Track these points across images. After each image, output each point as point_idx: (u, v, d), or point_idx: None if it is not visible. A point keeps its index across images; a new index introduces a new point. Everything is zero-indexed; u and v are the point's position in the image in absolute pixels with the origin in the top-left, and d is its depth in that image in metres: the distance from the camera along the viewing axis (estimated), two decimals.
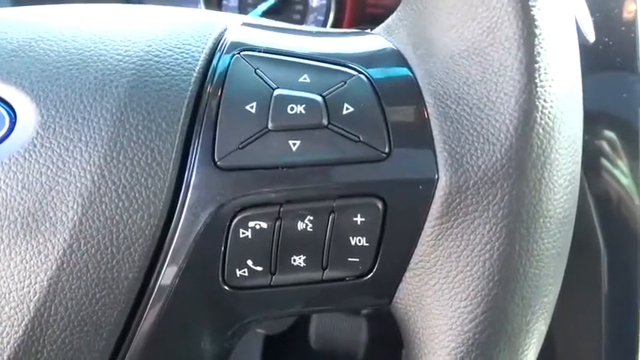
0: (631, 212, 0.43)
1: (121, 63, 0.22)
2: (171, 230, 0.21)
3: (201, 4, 0.68)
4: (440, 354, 0.21)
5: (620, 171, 0.45)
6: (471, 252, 0.20)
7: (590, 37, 0.33)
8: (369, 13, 0.67)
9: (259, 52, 0.23)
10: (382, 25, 0.25)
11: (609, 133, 0.45)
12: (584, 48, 0.44)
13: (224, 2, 0.69)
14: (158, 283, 0.21)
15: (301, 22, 0.67)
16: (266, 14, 0.66)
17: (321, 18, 0.66)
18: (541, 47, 0.20)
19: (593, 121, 0.45)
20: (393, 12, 0.27)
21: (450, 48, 0.21)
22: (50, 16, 0.25)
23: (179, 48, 0.23)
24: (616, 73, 0.45)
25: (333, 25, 0.65)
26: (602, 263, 0.45)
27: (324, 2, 0.66)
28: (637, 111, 0.43)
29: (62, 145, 0.21)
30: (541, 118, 0.20)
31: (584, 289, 0.46)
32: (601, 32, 0.45)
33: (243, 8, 0.68)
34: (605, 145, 0.45)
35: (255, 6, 0.68)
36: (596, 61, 0.45)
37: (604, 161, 0.45)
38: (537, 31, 0.20)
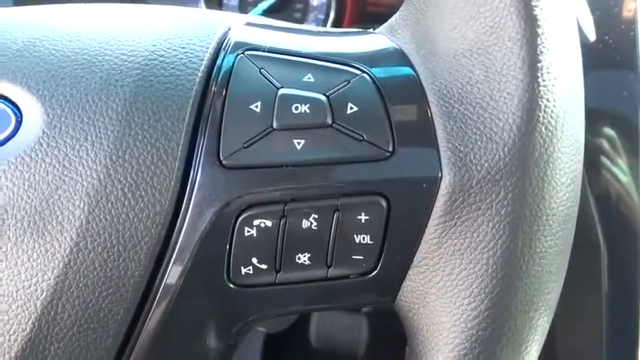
0: (631, 210, 0.43)
1: (126, 63, 0.23)
2: (176, 228, 0.22)
3: (202, 3, 0.68)
4: (444, 350, 0.21)
5: (620, 169, 0.45)
6: (474, 250, 0.21)
7: (591, 35, 0.33)
8: (370, 12, 0.67)
9: (263, 51, 0.23)
10: (385, 24, 0.25)
11: (609, 131, 0.45)
12: (585, 46, 0.44)
13: (224, 1, 0.69)
14: (164, 281, 0.22)
15: (302, 20, 0.67)
16: (266, 13, 0.66)
17: (322, 17, 0.66)
18: (543, 47, 0.20)
19: (594, 119, 0.45)
20: (393, 10, 0.27)
21: (453, 47, 0.21)
22: (54, 16, 0.25)
23: (183, 48, 0.23)
24: (616, 72, 0.45)
25: (334, 24, 0.66)
26: (602, 261, 0.45)
27: (325, 1, 0.66)
28: (637, 109, 0.43)
29: (68, 144, 0.21)
30: (544, 117, 0.20)
31: (585, 287, 0.46)
32: (601, 31, 0.45)
33: (243, 7, 0.68)
34: (606, 143, 0.45)
35: (255, 4, 0.68)
36: (596, 59, 0.45)
37: (604, 159, 0.45)
38: (540, 31, 0.20)
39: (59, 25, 0.24)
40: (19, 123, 0.22)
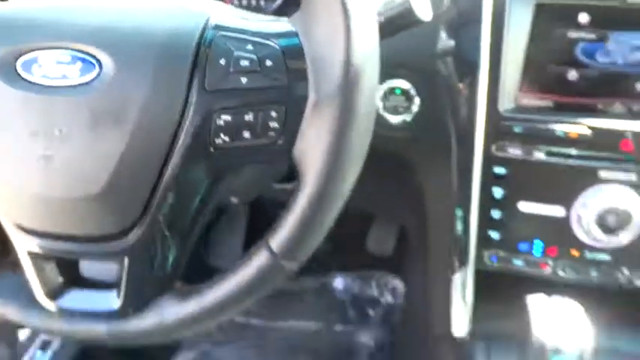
0: None
1: (155, 37, 0.39)
2: (183, 122, 0.38)
3: None
4: (310, 170, 0.39)
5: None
6: (324, 132, 0.39)
7: (426, 17, 0.49)
8: None
9: (229, 31, 0.39)
10: (291, 17, 0.43)
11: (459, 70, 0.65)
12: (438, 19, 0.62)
13: None
14: (178, 146, 0.39)
15: None
16: None
17: None
18: (354, 34, 0.38)
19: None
20: None
21: (317, 35, 0.40)
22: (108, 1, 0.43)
23: (185, 28, 0.39)
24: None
25: None
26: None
27: None
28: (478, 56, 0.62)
29: (131, 79, 0.38)
30: (354, 69, 0.39)
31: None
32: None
33: None
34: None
35: None
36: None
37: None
38: (354, 31, 0.38)
39: (116, 9, 0.42)
40: (100, 69, 0.38)
